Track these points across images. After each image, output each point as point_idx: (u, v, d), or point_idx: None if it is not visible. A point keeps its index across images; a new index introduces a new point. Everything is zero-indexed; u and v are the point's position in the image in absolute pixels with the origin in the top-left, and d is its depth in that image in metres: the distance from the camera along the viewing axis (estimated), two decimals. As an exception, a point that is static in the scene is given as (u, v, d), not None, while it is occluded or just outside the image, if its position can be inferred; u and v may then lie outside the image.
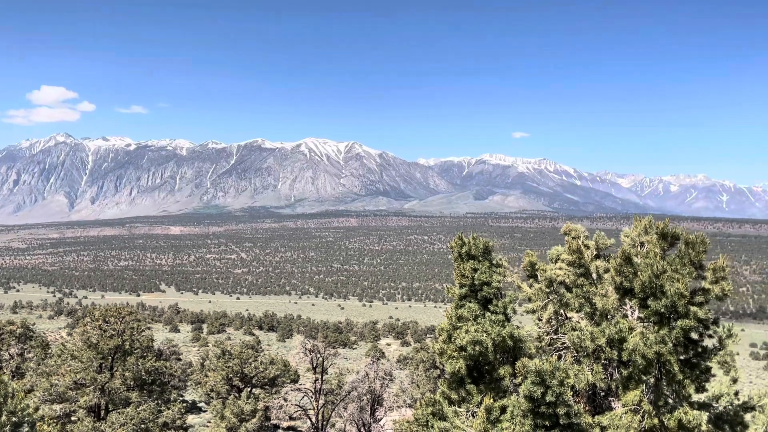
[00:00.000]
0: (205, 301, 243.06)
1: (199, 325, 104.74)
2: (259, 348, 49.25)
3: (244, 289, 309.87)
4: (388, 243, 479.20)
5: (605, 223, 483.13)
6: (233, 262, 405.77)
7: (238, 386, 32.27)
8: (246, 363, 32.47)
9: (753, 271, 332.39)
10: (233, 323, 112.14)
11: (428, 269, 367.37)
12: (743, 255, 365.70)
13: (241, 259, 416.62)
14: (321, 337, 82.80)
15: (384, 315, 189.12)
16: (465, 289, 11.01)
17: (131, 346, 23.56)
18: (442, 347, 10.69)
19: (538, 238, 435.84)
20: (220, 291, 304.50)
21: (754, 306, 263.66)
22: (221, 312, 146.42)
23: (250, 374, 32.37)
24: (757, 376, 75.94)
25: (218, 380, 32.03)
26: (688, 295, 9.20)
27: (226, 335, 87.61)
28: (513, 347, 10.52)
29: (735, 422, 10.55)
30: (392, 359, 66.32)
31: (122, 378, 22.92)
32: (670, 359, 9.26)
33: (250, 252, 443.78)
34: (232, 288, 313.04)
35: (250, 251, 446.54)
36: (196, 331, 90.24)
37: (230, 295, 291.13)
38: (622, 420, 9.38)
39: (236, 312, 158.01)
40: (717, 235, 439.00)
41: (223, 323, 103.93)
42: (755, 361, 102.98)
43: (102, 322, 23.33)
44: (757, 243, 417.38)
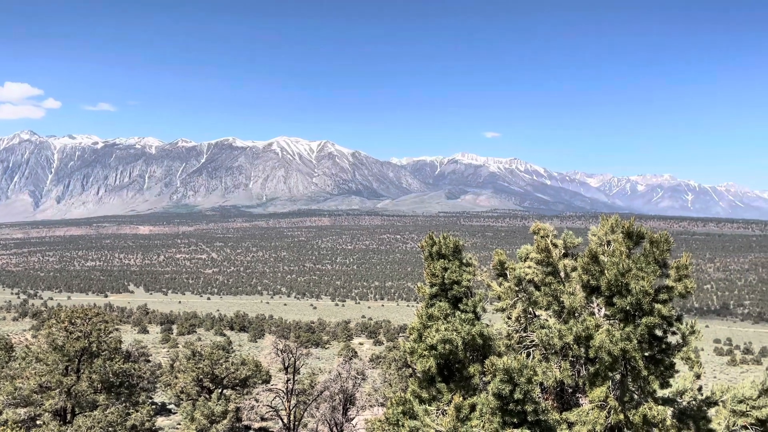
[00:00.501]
0: (175, 301, 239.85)
1: (168, 326, 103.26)
2: (230, 349, 48.80)
3: (214, 290, 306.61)
4: (361, 242, 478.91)
5: (574, 222, 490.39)
6: (204, 262, 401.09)
7: (208, 387, 31.92)
8: (217, 364, 32.14)
9: (716, 268, 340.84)
10: (204, 324, 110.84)
11: (401, 268, 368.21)
12: (707, 253, 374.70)
13: (212, 259, 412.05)
14: (293, 337, 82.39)
15: (357, 314, 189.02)
16: (435, 288, 11.07)
17: (98, 347, 23.14)
18: (413, 346, 10.73)
19: (509, 237, 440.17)
20: (190, 291, 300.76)
21: (718, 303, 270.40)
22: (191, 312, 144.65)
23: (220, 375, 32.06)
24: (720, 372, 77.83)
25: (188, 381, 31.64)
26: (653, 293, 9.40)
27: (196, 336, 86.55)
28: (483, 345, 10.62)
29: (698, 417, 10.81)
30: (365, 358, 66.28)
31: (89, 380, 22.49)
32: (636, 356, 9.45)
33: (221, 252, 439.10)
34: (202, 288, 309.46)
35: (221, 251, 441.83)
36: (166, 332, 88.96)
37: (201, 295, 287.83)
38: (588, 416, 9.55)
39: (207, 312, 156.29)
40: (682, 234, 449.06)
41: (194, 324, 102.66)
42: (719, 356, 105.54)
43: (68, 323, 22.85)
44: (721, 241, 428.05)
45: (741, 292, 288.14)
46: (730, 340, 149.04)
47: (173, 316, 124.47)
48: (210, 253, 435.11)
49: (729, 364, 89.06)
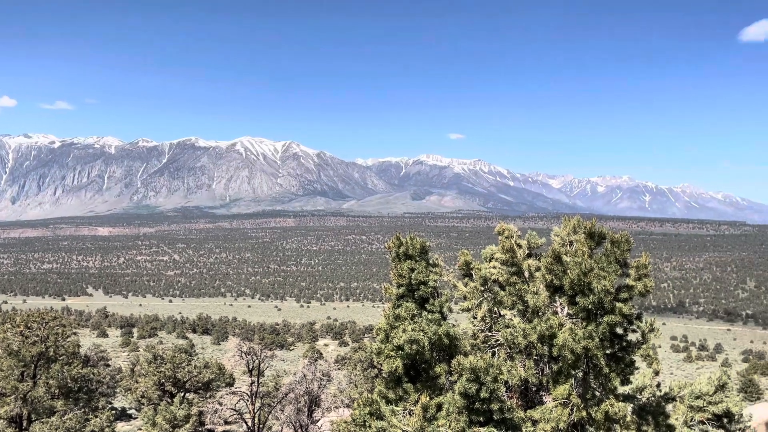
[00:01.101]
0: (136, 304, 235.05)
1: (129, 329, 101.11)
2: (192, 352, 48.06)
3: (176, 292, 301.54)
4: (326, 243, 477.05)
5: (537, 223, 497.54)
6: (165, 264, 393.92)
7: (170, 391, 31.37)
8: (179, 367, 31.61)
9: (673, 267, 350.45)
10: (165, 327, 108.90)
11: (366, 269, 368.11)
12: (664, 252, 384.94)
13: (174, 261, 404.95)
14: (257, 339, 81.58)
15: (322, 315, 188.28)
16: (402, 289, 11.11)
17: (56, 352, 22.51)
18: (380, 347, 10.75)
19: (474, 237, 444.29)
20: (151, 294, 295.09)
21: (674, 301, 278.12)
22: (152, 315, 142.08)
23: (183, 379, 31.53)
24: (677, 368, 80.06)
25: (149, 386, 31.03)
26: (614, 292, 9.61)
27: (157, 339, 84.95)
28: (449, 345, 10.70)
29: (657, 413, 11.09)
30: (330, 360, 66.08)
31: (46, 386, 21.86)
32: (597, 354, 9.64)
33: (183, 253, 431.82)
34: (164, 290, 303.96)
35: (183, 252, 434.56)
36: (126, 336, 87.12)
37: (162, 297, 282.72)
38: (552, 413, 9.70)
39: (168, 315, 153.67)
40: (640, 234, 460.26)
41: (155, 327, 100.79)
42: (675, 353, 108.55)
43: (24, 327, 22.17)
44: (677, 241, 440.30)
45: (696, 290, 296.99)
46: (686, 337, 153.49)
47: (134, 320, 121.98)
48: (172, 254, 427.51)
49: (685, 361, 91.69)
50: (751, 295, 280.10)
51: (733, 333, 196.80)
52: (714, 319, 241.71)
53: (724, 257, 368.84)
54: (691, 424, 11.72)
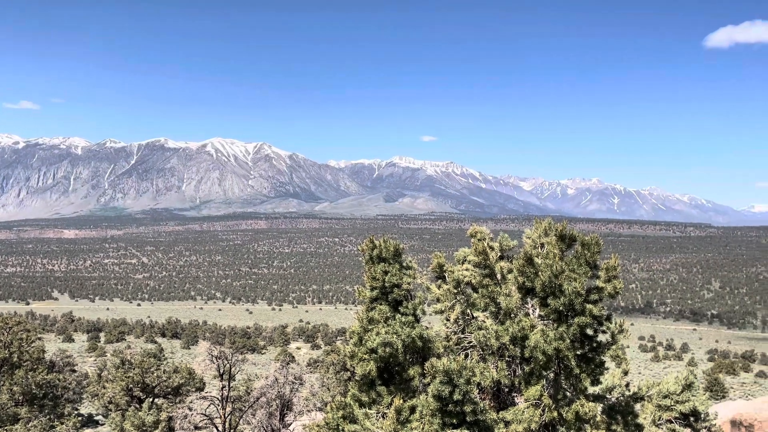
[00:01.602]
0: (103, 308, 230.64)
1: (96, 333, 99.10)
2: (161, 356, 47.29)
3: (145, 295, 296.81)
4: (299, 245, 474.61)
5: (508, 225, 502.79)
6: (134, 267, 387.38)
7: (139, 397, 30.82)
8: (147, 372, 31.08)
9: (641, 268, 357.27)
10: (134, 331, 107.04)
11: (339, 271, 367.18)
12: (632, 254, 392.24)
13: (143, 264, 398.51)
14: (228, 343, 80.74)
15: (294, 318, 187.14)
16: (376, 292, 11.09)
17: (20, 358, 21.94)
18: (353, 350, 10.71)
19: (446, 239, 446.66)
20: (119, 297, 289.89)
21: (642, 301, 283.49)
22: (120, 319, 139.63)
23: (152, 384, 31.02)
24: (645, 368, 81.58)
25: (117, 391, 30.45)
26: (584, 294, 9.73)
27: (125, 344, 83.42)
28: (422, 348, 10.71)
29: (626, 412, 11.26)
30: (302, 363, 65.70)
31: (10, 393, 21.28)
32: (568, 355, 9.75)
33: (152, 256, 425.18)
34: (132, 294, 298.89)
35: (152, 255, 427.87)
36: (93, 341, 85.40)
37: (130, 301, 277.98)
38: (524, 414, 9.78)
39: (137, 319, 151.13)
40: (609, 236, 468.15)
41: (123, 331, 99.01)
42: (643, 353, 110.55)
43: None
44: (645, 242, 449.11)
45: (663, 291, 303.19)
46: (653, 337, 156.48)
47: (101, 324, 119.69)
48: (140, 257, 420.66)
49: (653, 360, 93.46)
50: (716, 296, 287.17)
51: (698, 333, 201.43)
52: (680, 319, 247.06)
53: (690, 258, 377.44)
54: (659, 423, 11.93)
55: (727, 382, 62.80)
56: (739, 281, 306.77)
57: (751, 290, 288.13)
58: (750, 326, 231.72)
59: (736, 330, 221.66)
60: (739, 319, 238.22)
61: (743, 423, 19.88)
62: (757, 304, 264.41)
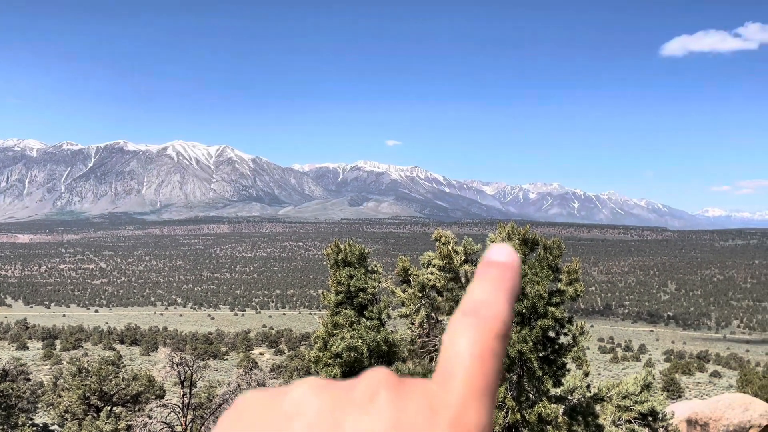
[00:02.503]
0: (59, 315, 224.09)
1: (51, 341, 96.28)
2: (120, 363, 46.24)
3: (103, 301, 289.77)
4: (262, 250, 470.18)
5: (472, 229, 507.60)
6: (91, 272, 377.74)
7: (96, 405, 30.04)
8: (105, 380, 30.33)
9: (600, 271, 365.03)
10: (91, 338, 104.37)
11: (303, 276, 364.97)
12: (592, 257, 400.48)
13: (101, 269, 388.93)
14: (189, 350, 79.42)
15: (257, 324, 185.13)
16: (341, 296, 11.05)
17: (-31, 368, 21.16)
18: (318, 355, 10.64)
19: (411, 243, 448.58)
20: (75, 304, 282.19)
21: (602, 303, 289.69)
22: (77, 326, 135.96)
23: (110, 392, 30.27)
24: (605, 369, 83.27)
25: (74, 400, 29.62)
26: (547, 297, 9.89)
27: (82, 351, 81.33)
28: (388, 352, 10.71)
29: (587, 413, 11.46)
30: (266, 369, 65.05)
31: (-42, 404, 20.49)
32: (531, 357, 9.88)
33: (110, 261, 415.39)
34: (89, 300, 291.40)
35: (111, 260, 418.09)
36: (48, 348, 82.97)
37: (88, 308, 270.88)
38: (488, 417, 9.85)
39: (94, 326, 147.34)
40: (570, 239, 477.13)
41: (80, 338, 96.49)
42: (603, 354, 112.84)
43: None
44: (604, 246, 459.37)
45: (622, 293, 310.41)
46: (612, 338, 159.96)
47: (56, 331, 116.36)
48: (98, 262, 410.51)
49: (612, 361, 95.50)
50: (672, 298, 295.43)
51: (655, 334, 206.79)
52: (638, 320, 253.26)
53: (647, 261, 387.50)
54: (618, 423, 12.17)
55: (683, 382, 64.61)
56: (694, 283, 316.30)
57: (706, 292, 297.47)
58: (704, 327, 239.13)
59: (692, 331, 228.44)
60: (694, 320, 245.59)
61: (699, 422, 20.44)
62: (711, 305, 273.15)
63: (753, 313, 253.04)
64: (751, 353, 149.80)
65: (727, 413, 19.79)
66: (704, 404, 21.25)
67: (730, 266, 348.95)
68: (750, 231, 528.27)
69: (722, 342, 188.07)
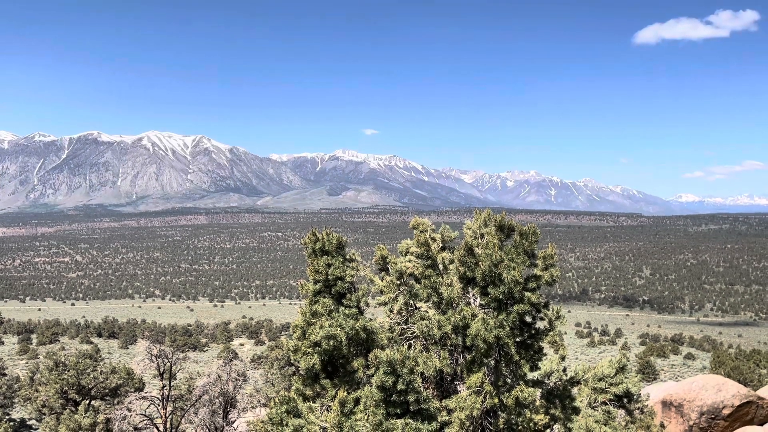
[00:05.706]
0: (34, 308, 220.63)
1: (27, 335, 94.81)
2: (98, 357, 45.77)
3: (79, 295, 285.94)
4: (241, 240, 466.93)
5: (450, 217, 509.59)
6: (67, 265, 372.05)
7: (74, 399, 29.75)
8: (83, 374, 30.03)
9: (577, 257, 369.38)
10: (68, 332, 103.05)
11: (282, 266, 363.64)
12: (569, 243, 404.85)
13: (76, 262, 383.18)
14: (168, 342, 78.96)
15: (237, 315, 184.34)
16: (319, 285, 11.06)
17: (-58, 364, 20.79)
18: (297, 344, 10.66)
19: (390, 232, 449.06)
20: (51, 297, 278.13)
21: (578, 289, 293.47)
22: (53, 320, 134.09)
23: (88, 385, 29.99)
24: (581, 353, 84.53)
25: (51, 394, 29.29)
26: (523, 282, 10.01)
27: (59, 345, 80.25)
28: (366, 339, 10.77)
29: (564, 396, 11.66)
30: (246, 359, 64.94)
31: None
32: (508, 342, 10.01)
33: (86, 254, 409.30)
34: (65, 294, 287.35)
35: (86, 253, 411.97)
36: (24, 343, 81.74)
37: (64, 301, 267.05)
38: (466, 402, 9.98)
39: (71, 319, 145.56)
40: (547, 226, 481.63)
41: (56, 332, 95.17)
42: (580, 338, 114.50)
43: None
44: (580, 232, 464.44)
45: (598, 278, 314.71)
46: (589, 323, 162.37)
47: (32, 325, 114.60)
48: (74, 255, 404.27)
49: (588, 346, 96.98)
50: (647, 282, 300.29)
51: (631, 318, 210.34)
52: (614, 305, 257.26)
53: (622, 247, 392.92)
54: (594, 405, 12.41)
55: (658, 365, 65.88)
56: (668, 268, 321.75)
57: (680, 276, 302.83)
58: (678, 311, 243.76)
59: (666, 314, 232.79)
60: (668, 304, 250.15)
61: (673, 403, 20.91)
62: (684, 289, 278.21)
63: (725, 297, 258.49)
64: (724, 335, 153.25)
65: (701, 394, 20.26)
66: (678, 386, 21.72)
67: (703, 251, 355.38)
68: (722, 216, 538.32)
69: (696, 325, 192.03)
